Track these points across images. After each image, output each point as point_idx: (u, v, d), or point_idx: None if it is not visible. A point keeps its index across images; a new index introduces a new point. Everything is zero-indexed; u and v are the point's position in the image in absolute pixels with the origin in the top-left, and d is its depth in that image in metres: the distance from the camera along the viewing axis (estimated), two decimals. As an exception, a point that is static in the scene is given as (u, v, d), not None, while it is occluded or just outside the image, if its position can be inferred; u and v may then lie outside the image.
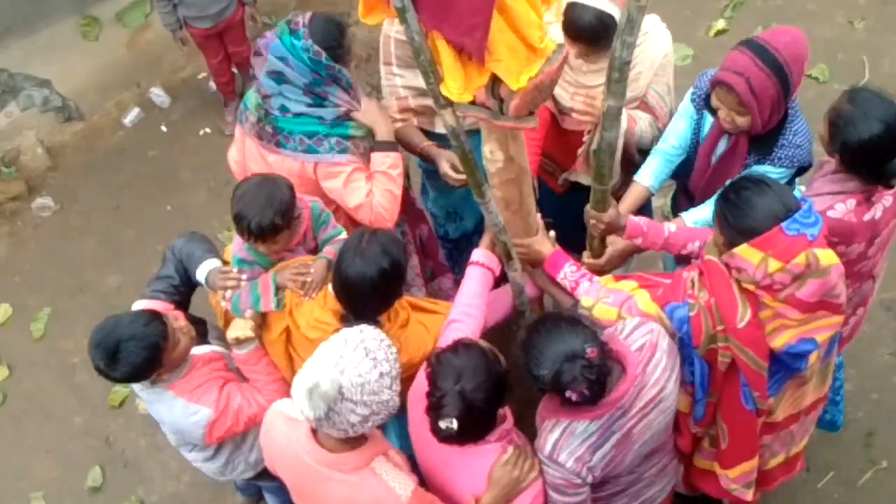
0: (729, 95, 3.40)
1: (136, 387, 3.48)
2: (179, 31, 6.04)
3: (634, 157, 4.00)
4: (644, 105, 3.90)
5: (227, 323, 3.52)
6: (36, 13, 6.31)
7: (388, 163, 3.76)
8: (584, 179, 4.02)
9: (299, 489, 3.03)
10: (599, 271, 3.57)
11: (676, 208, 4.23)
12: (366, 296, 3.18)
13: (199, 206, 6.09)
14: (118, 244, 6.02)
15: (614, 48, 2.72)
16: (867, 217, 3.32)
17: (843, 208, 3.30)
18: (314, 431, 2.83)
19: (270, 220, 3.32)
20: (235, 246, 3.54)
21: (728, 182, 3.38)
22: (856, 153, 3.21)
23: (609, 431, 2.95)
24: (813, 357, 3.12)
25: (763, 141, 3.56)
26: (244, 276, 3.46)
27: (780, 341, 3.00)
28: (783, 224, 2.80)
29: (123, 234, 6.04)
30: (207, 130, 6.59)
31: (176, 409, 3.40)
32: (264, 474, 3.77)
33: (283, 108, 3.64)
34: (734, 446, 3.34)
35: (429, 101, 3.47)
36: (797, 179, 3.95)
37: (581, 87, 3.82)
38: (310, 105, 3.64)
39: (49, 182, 6.45)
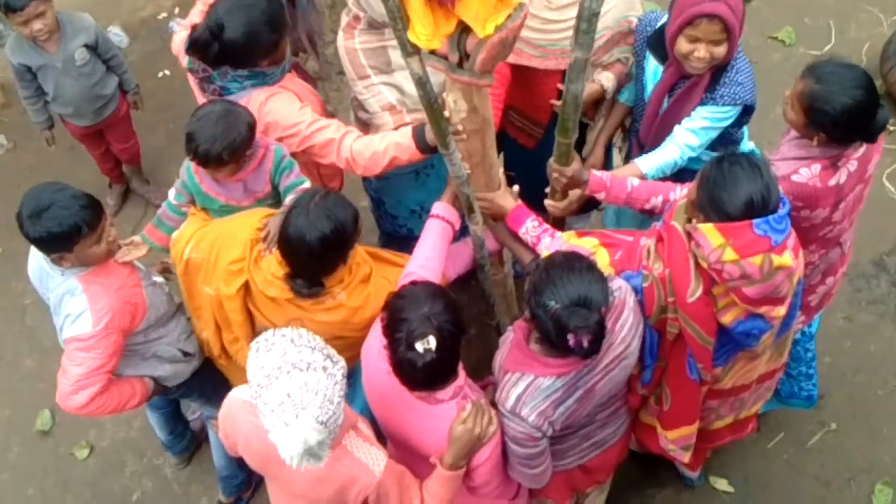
0: (711, 25, 3.36)
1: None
2: (49, 131, 5.22)
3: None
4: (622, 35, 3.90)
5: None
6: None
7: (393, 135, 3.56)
8: None
9: (269, 472, 2.96)
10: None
11: (628, 158, 4.23)
12: (304, 258, 3.12)
13: (158, 149, 5.98)
14: (72, 185, 5.82)
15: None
16: (832, 182, 3.31)
17: (807, 173, 3.29)
18: None
19: (218, 153, 3.30)
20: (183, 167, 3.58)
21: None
22: (842, 125, 3.18)
23: (574, 388, 2.95)
24: (766, 335, 3.13)
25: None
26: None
27: (729, 317, 3.00)
28: (755, 221, 2.77)
29: (78, 175, 5.88)
30: (166, 72, 6.44)
31: (72, 303, 3.39)
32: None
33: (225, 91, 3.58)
34: (675, 410, 3.37)
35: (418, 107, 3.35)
36: (747, 136, 3.97)
37: (553, 23, 3.75)
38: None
39: (2, 119, 6.31)
